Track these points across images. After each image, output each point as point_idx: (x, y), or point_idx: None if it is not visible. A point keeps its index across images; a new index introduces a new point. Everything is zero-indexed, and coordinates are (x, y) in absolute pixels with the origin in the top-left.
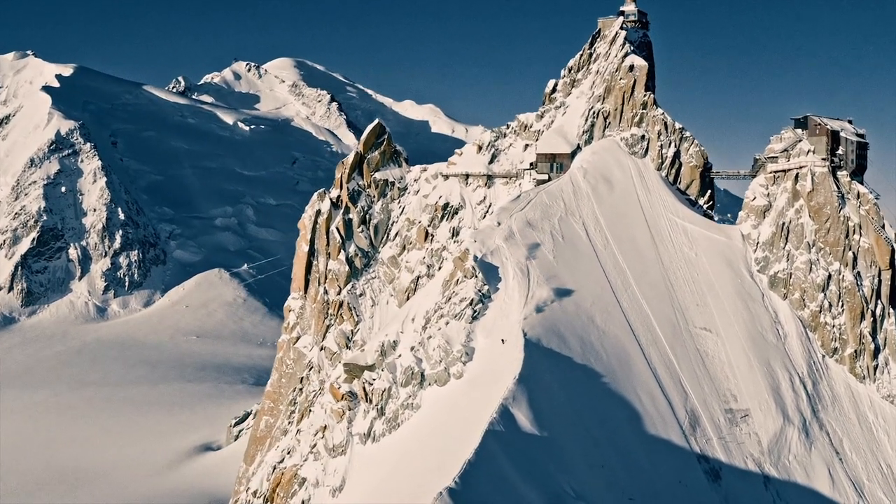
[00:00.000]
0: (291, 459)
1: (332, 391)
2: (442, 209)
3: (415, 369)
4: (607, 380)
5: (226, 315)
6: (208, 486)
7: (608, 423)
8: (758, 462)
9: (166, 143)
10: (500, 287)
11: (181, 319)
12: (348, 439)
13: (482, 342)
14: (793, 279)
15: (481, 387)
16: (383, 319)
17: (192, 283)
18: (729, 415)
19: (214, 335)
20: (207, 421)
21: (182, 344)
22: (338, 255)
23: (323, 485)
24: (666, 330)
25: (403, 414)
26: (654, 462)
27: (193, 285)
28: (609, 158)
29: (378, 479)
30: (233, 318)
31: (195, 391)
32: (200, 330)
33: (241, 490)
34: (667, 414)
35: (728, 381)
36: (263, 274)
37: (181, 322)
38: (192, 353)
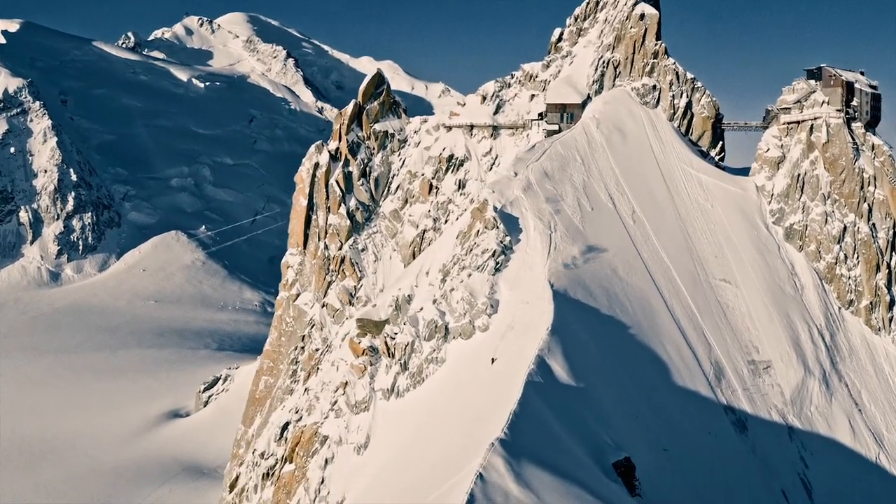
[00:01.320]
0: (311, 417)
1: (351, 346)
2: (446, 161)
3: (438, 322)
4: (634, 331)
5: (184, 279)
6: (179, 453)
7: (638, 375)
8: (781, 413)
9: (118, 101)
10: (521, 238)
11: (138, 284)
12: (371, 395)
13: (506, 294)
14: (808, 231)
15: (510, 339)
16: (387, 275)
17: (148, 246)
18: (752, 366)
19: (173, 300)
20: (173, 387)
21: (140, 309)
22: (338, 209)
23: (346, 442)
24: (687, 282)
25: (428, 368)
26: (684, 413)
27: (150, 248)
28: (621, 108)
29: (407, 434)
30: (192, 282)
31: (157, 357)
32: (158, 294)
33: (241, 452)
34: (693, 365)
35: (749, 332)
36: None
37: (138, 286)
38: (151, 319)
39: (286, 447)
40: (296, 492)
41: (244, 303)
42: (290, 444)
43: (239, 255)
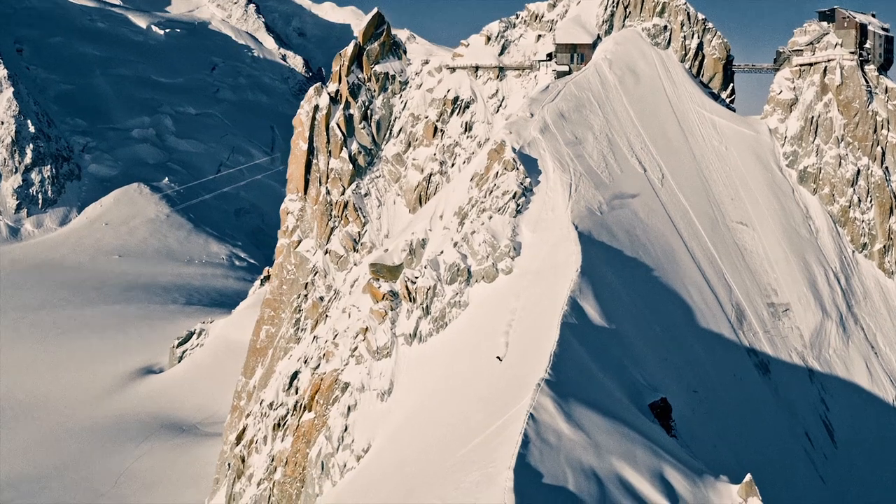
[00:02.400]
0: (330, 365)
1: (371, 291)
2: (451, 103)
3: (460, 266)
4: (658, 274)
5: (148, 232)
6: (155, 409)
7: (665, 317)
8: (801, 356)
9: (75, 50)
10: (540, 180)
11: (101, 238)
12: (392, 341)
13: (528, 237)
14: (822, 174)
15: (538, 281)
16: (392, 220)
17: (110, 200)
18: (771, 309)
19: (138, 254)
20: (143, 343)
21: (104, 264)
22: (339, 153)
23: (369, 389)
24: (705, 224)
25: (451, 312)
26: (710, 355)
27: (112, 202)
28: (632, 49)
29: (433, 379)
30: (156, 236)
31: (125, 313)
32: (122, 249)
33: (242, 404)
34: (715, 308)
35: (767, 275)
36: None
37: (101, 241)
38: (116, 274)
39: (305, 395)
40: (316, 440)
41: (211, 256)
42: (308, 392)
43: (204, 208)
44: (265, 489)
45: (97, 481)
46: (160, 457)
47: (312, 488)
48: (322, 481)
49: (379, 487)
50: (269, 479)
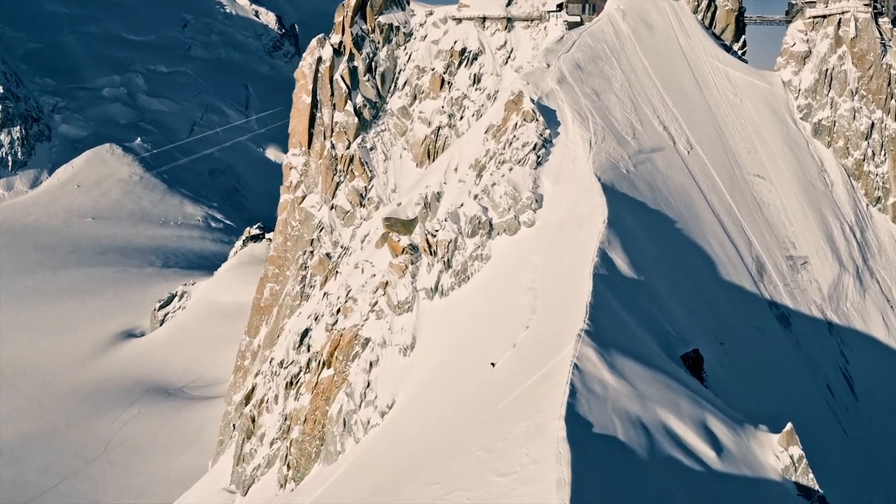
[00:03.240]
0: (348, 320)
1: (391, 245)
2: (459, 55)
3: (481, 218)
4: (680, 226)
5: (122, 194)
6: (139, 374)
7: (689, 270)
8: (821, 308)
9: (43, 7)
10: (559, 132)
11: (74, 200)
12: (413, 295)
13: (550, 189)
14: (836, 127)
15: (561, 233)
16: (399, 174)
17: (81, 161)
18: (790, 262)
19: (111, 216)
20: (122, 307)
21: (77, 227)
22: (344, 106)
23: (391, 344)
24: (723, 176)
25: (472, 266)
26: (733, 308)
27: (84, 163)
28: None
29: (457, 332)
30: (130, 197)
31: (101, 276)
32: (95, 211)
33: (246, 364)
34: (736, 261)
35: (785, 228)
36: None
37: (74, 203)
38: (90, 237)
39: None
40: (336, 397)
41: (186, 218)
42: (327, 348)
43: (178, 168)
44: (278, 448)
45: (86, 447)
46: (149, 421)
47: (334, 446)
48: (344, 438)
49: (412, 442)
50: (284, 438)
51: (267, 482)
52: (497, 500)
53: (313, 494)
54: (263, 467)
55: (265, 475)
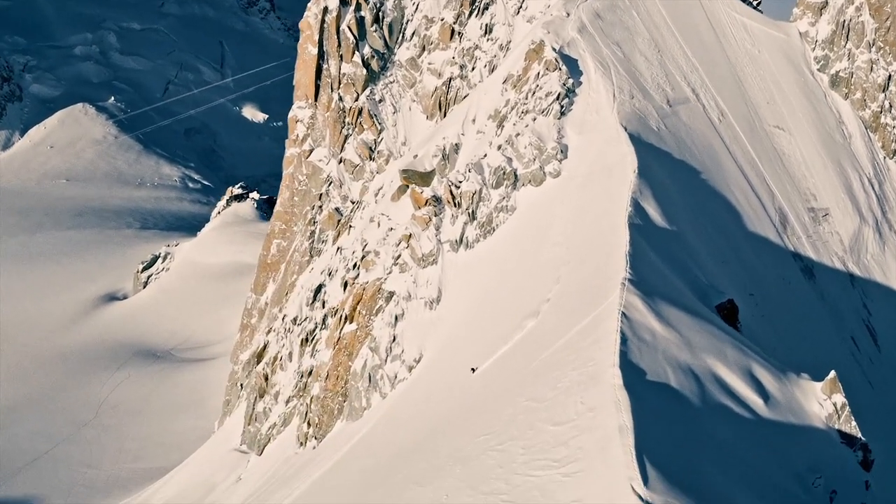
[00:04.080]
0: (370, 274)
1: (413, 197)
2: (469, 4)
3: (506, 169)
4: (705, 177)
5: (96, 154)
6: (124, 337)
7: (717, 220)
8: (842, 261)
9: None
10: (581, 81)
11: (47, 162)
12: (438, 248)
13: (574, 139)
14: (854, 79)
15: (588, 184)
16: (408, 127)
17: (54, 121)
18: (812, 213)
19: (86, 177)
20: (103, 269)
21: (51, 189)
22: (352, 57)
23: (416, 297)
24: (744, 127)
25: (498, 217)
26: (760, 259)
27: (56, 123)
28: None
29: (484, 284)
30: (104, 158)
31: (78, 239)
32: (70, 172)
33: (254, 322)
34: (760, 212)
35: (806, 179)
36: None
37: (47, 165)
38: (65, 199)
39: (344, 307)
40: (359, 353)
41: (163, 178)
42: (349, 303)
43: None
44: (295, 407)
45: (76, 411)
46: (140, 384)
47: (359, 402)
48: (370, 394)
49: (447, 396)
50: (300, 395)
51: (284, 441)
52: (553, 448)
53: (340, 451)
54: (279, 426)
55: (281, 434)
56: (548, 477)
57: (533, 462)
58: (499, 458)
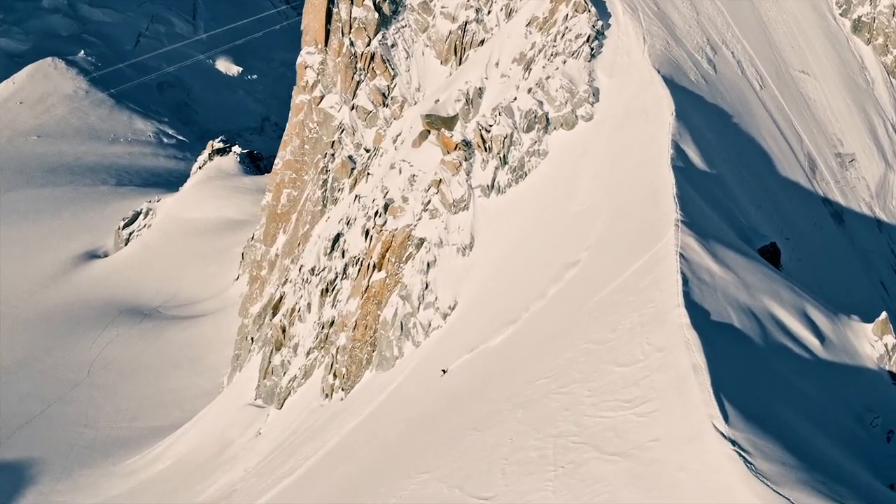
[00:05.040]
0: (398, 221)
1: (443, 141)
2: None
3: (537, 112)
4: (737, 121)
5: (67, 110)
6: (109, 295)
7: (750, 164)
8: (869, 206)
9: None
10: (611, 23)
11: (16, 118)
12: (469, 193)
13: (605, 82)
14: (876, 24)
15: (623, 127)
16: (422, 72)
17: (23, 77)
18: (839, 159)
19: (58, 134)
20: (81, 227)
21: (22, 146)
22: (363, 0)
23: (448, 244)
24: (770, 72)
25: (530, 161)
26: (792, 204)
27: (25, 78)
28: None
29: (518, 229)
30: (76, 114)
31: (53, 197)
32: (41, 129)
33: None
34: (790, 157)
35: (832, 125)
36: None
37: (17, 121)
38: (37, 156)
39: (372, 255)
40: (388, 301)
41: (136, 134)
42: (378, 251)
43: (125, 82)
44: (316, 358)
45: (67, 372)
46: (130, 343)
47: (390, 351)
48: (402, 343)
49: (490, 341)
50: (322, 347)
51: (305, 393)
52: (623, 388)
53: (373, 401)
54: (300, 378)
55: (302, 386)
56: (621, 417)
57: (602, 403)
58: (564, 401)
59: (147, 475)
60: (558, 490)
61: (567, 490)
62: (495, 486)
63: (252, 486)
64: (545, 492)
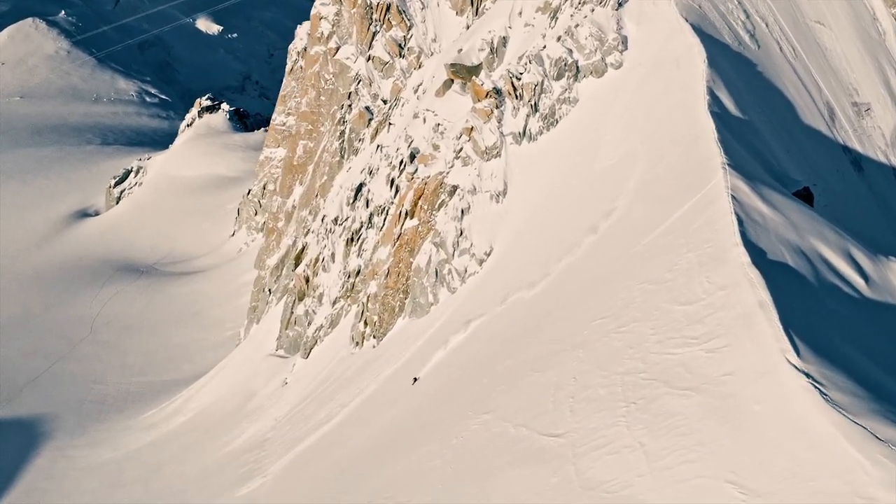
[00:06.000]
0: (430, 169)
1: (474, 89)
2: None
3: (567, 60)
4: (761, 69)
5: (49, 70)
6: (104, 253)
7: (777, 112)
8: (885, 154)
9: None
10: None
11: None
12: (501, 140)
13: (633, 30)
14: None
15: (653, 74)
16: (438, 23)
17: (4, 37)
18: (855, 108)
19: (41, 94)
20: (70, 186)
21: (5, 106)
22: None
23: (481, 191)
24: (788, 22)
25: (561, 109)
26: (816, 151)
27: (6, 40)
28: None
29: (551, 175)
30: (58, 74)
31: (40, 157)
32: (23, 90)
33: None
34: (811, 105)
35: (848, 74)
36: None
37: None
38: (21, 116)
39: (404, 203)
40: (421, 248)
41: (119, 93)
42: (410, 198)
43: (107, 42)
44: (343, 307)
45: (68, 329)
46: (130, 299)
47: (424, 298)
48: (436, 289)
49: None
50: (348, 296)
51: (332, 342)
52: (688, 326)
53: (409, 348)
54: (326, 327)
55: (329, 335)
56: (689, 354)
57: (667, 341)
58: (627, 340)
59: (168, 427)
60: (632, 425)
61: (642, 425)
62: (565, 424)
63: (286, 434)
64: (619, 427)
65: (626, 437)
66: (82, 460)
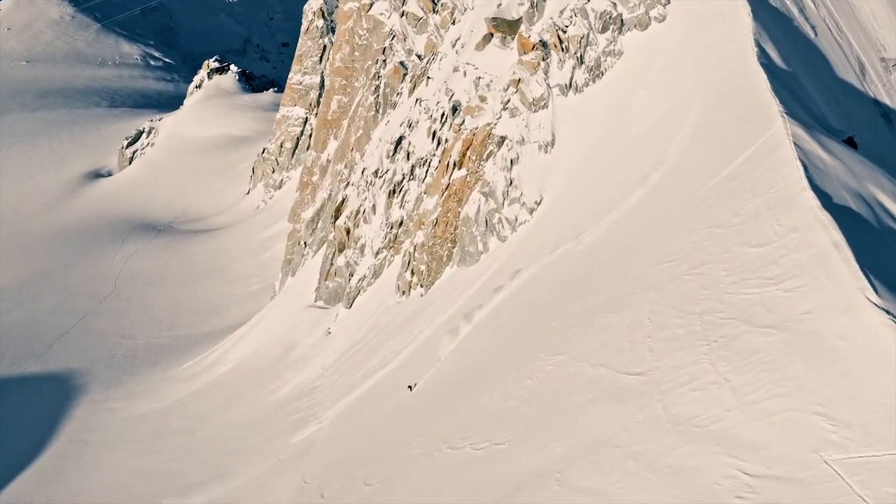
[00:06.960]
0: (477, 120)
1: (521, 42)
2: None
3: (612, 13)
4: (796, 24)
5: (54, 35)
6: (120, 212)
7: (814, 65)
8: None
9: None
10: None
11: (4, 44)
12: (548, 92)
13: None
14: None
15: (698, 28)
16: None
17: (8, 3)
18: (883, 63)
19: (47, 59)
20: (80, 148)
21: (11, 71)
22: None
23: (529, 141)
24: None
25: (606, 61)
26: (850, 104)
27: (11, 5)
28: None
29: (598, 126)
30: (63, 39)
31: (48, 119)
32: (29, 54)
33: (315, 179)
34: (842, 59)
35: (875, 31)
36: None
37: (5, 47)
38: (28, 81)
39: (451, 153)
40: (468, 198)
41: (124, 57)
42: (458, 149)
43: (110, 7)
44: (385, 258)
45: (92, 285)
46: (151, 256)
47: (474, 247)
48: (486, 238)
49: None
50: (391, 246)
51: (376, 292)
52: (763, 267)
53: (462, 294)
54: (370, 278)
55: (372, 285)
56: (766, 293)
57: (743, 281)
58: (700, 281)
59: (209, 378)
60: (716, 362)
61: (725, 362)
62: (645, 363)
63: (336, 381)
64: (702, 364)
65: (710, 373)
66: (122, 412)
